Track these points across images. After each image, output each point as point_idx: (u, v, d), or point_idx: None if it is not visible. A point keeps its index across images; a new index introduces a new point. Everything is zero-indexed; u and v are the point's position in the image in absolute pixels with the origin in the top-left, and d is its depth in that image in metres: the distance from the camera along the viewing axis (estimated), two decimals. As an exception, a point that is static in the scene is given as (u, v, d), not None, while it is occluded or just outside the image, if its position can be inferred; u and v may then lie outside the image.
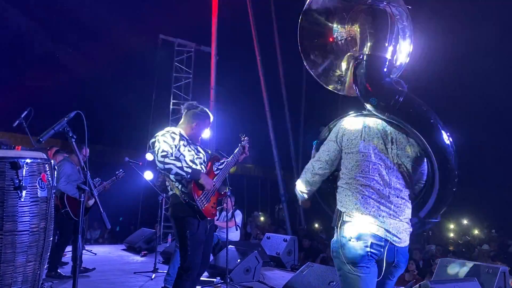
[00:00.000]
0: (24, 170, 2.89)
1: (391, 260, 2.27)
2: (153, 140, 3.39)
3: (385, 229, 2.23)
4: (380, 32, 2.30)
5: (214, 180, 3.59)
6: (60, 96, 10.76)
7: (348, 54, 2.50)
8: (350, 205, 2.30)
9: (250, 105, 13.88)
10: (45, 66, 10.93)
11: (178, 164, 3.25)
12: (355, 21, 2.42)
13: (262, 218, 15.71)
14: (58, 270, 5.47)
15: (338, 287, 4.47)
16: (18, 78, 10.56)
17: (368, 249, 2.20)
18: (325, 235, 12.42)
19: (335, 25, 2.51)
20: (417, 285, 4.07)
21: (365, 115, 2.44)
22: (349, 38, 2.45)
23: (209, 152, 4.00)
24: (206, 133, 9.60)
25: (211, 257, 6.63)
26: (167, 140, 3.34)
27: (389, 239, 2.23)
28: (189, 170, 3.27)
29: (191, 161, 3.44)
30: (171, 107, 12.02)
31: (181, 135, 3.47)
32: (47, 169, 3.13)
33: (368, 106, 2.38)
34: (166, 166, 3.22)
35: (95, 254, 7.24)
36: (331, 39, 2.53)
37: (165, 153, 3.25)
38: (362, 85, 2.36)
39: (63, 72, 11.12)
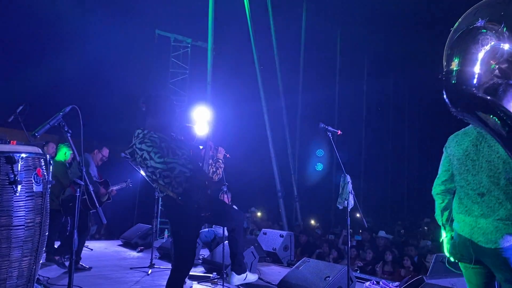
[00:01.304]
0: (19, 164, 2.88)
1: None
2: (129, 150, 3.29)
3: None
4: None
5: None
6: (55, 92, 10.70)
7: None
8: None
9: (246, 100, 13.85)
10: (40, 62, 10.85)
11: (180, 161, 3.18)
12: None
13: (259, 214, 15.72)
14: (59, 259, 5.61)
15: (334, 282, 4.48)
16: (12, 73, 10.49)
17: None
18: (320, 231, 12.45)
19: None
20: (413, 280, 4.08)
21: None
22: None
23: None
24: (204, 130, 9.60)
25: (208, 253, 6.66)
26: (151, 144, 3.24)
27: None
28: (192, 167, 3.22)
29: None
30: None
31: (159, 137, 3.33)
32: (43, 163, 3.11)
33: None
34: (169, 166, 3.14)
35: (92, 249, 7.22)
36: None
37: (160, 154, 3.17)
38: None
39: (58, 67, 11.05)
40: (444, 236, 2.71)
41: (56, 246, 6.01)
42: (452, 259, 2.58)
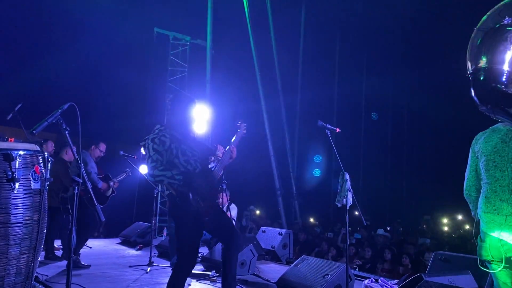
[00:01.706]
0: (17, 162, 2.87)
1: None
2: (143, 143, 3.34)
3: None
4: None
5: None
6: (54, 89, 10.69)
7: None
8: None
9: (245, 99, 13.84)
10: (38, 60, 10.84)
11: (168, 174, 3.22)
12: None
13: (257, 212, 15.73)
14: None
15: (333, 280, 4.48)
16: (10, 71, 10.48)
17: None
18: (319, 229, 12.45)
19: None
20: (412, 278, 4.08)
21: None
22: None
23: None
24: (202, 128, 9.61)
25: (207, 250, 6.66)
26: (157, 147, 3.27)
27: None
28: (181, 177, 3.25)
29: (185, 161, 3.37)
30: (166, 100, 11.96)
31: (171, 136, 3.37)
32: (41, 161, 3.10)
33: None
34: (157, 179, 3.23)
35: (90, 247, 7.22)
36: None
37: (154, 164, 3.22)
38: None
39: (57, 65, 11.03)
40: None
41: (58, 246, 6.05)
42: (483, 260, 2.52)
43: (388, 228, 12.32)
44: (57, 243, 7.11)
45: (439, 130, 20.33)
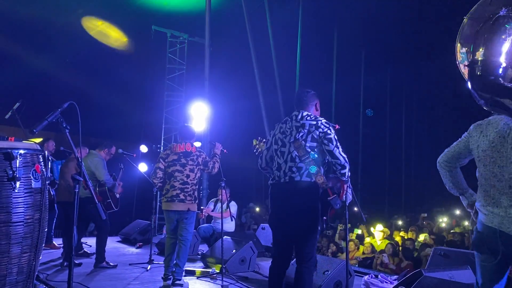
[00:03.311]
0: (17, 161, 2.87)
1: None
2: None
3: None
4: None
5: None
6: (53, 89, 10.67)
7: None
8: None
9: (243, 96, 13.82)
10: (36, 58, 10.81)
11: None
12: None
13: (257, 209, 15.75)
14: (106, 260, 5.75)
15: (332, 276, 4.50)
16: (9, 70, 10.45)
17: None
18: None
19: None
20: (411, 273, 4.10)
21: None
22: None
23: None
24: (201, 125, 9.58)
25: (207, 248, 6.68)
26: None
27: None
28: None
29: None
30: (165, 98, 11.95)
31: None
32: (41, 160, 3.10)
33: None
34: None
35: (90, 246, 7.23)
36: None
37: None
38: None
39: (55, 64, 11.01)
40: (467, 203, 2.75)
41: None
42: (476, 251, 2.55)
43: (387, 225, 12.34)
44: (58, 241, 7.13)
45: (438, 125, 20.37)
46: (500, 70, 2.17)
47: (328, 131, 3.36)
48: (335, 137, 3.37)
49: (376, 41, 17.23)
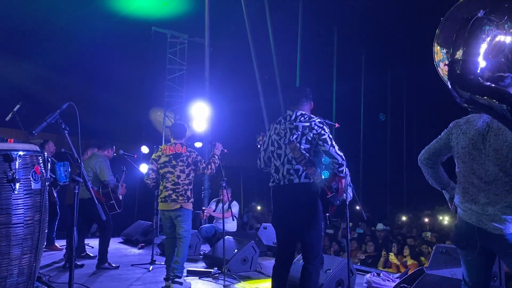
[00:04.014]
0: (17, 162, 2.87)
1: None
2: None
3: None
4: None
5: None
6: (52, 90, 10.69)
7: None
8: None
9: (244, 96, 13.82)
10: (36, 60, 10.82)
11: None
12: None
13: (258, 207, 15.75)
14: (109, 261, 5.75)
15: (334, 275, 4.49)
16: (8, 71, 10.47)
17: None
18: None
19: None
20: (414, 271, 4.10)
21: None
22: None
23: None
24: (202, 126, 9.57)
25: (209, 248, 6.67)
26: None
27: None
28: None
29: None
30: (165, 99, 11.96)
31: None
32: (40, 161, 3.10)
33: None
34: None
35: (92, 247, 7.23)
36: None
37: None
38: None
39: (55, 65, 11.02)
40: (449, 197, 2.81)
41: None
42: (456, 246, 2.62)
43: (388, 223, 12.34)
44: (60, 243, 7.14)
45: (439, 123, 20.32)
46: (479, 70, 2.21)
47: (322, 131, 3.36)
48: (330, 136, 3.37)
49: (377, 40, 17.22)
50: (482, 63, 2.19)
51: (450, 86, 2.23)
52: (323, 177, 3.37)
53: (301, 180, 3.33)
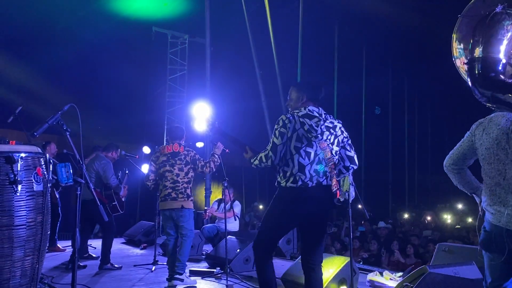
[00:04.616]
0: (19, 164, 2.87)
1: None
2: None
3: None
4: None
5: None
6: (53, 91, 10.69)
7: None
8: None
9: (246, 96, 13.82)
10: (37, 60, 10.84)
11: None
12: None
13: (260, 207, 15.75)
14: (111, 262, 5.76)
15: (336, 274, 4.49)
16: (10, 73, 10.48)
17: None
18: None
19: None
20: (416, 269, 4.09)
21: None
22: None
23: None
24: (203, 127, 9.56)
25: (211, 248, 6.68)
26: None
27: None
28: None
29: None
30: (166, 99, 11.97)
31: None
32: (42, 162, 3.11)
33: None
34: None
35: (95, 248, 7.24)
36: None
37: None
38: None
39: (56, 66, 11.03)
40: (480, 201, 2.68)
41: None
42: (484, 251, 2.51)
43: (390, 221, 12.33)
44: (63, 244, 7.14)
45: (441, 122, 20.31)
46: (500, 67, 2.16)
47: (347, 135, 3.34)
48: None
49: (378, 39, 17.19)
50: (503, 59, 2.13)
51: (470, 85, 2.18)
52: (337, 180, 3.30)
53: (327, 183, 3.19)
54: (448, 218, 13.99)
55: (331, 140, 3.21)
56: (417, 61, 18.10)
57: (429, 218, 13.47)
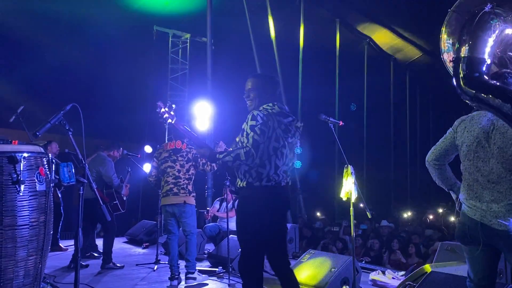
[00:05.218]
0: (21, 164, 2.87)
1: None
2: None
3: None
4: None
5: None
6: (55, 90, 10.70)
7: None
8: None
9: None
10: (39, 60, 10.85)
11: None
12: None
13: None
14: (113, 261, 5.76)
15: (339, 274, 4.49)
16: (12, 72, 10.49)
17: None
18: (321, 224, 12.43)
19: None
20: (418, 268, 4.09)
21: None
22: None
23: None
24: (205, 125, 9.56)
25: (213, 247, 6.68)
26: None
27: None
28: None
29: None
30: (168, 98, 11.96)
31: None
32: (45, 162, 3.11)
33: None
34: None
35: (97, 246, 7.24)
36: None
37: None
38: None
39: (57, 66, 11.04)
40: (456, 197, 2.82)
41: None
42: (460, 243, 2.64)
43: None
44: (65, 243, 7.15)
45: (442, 121, 20.26)
46: (484, 67, 2.20)
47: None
48: None
49: (379, 34, 17.18)
50: (488, 59, 2.17)
51: (455, 83, 2.23)
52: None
53: (289, 182, 3.12)
54: (450, 216, 13.96)
55: (296, 141, 3.19)
56: (419, 59, 18.08)
57: (431, 217, 13.44)
